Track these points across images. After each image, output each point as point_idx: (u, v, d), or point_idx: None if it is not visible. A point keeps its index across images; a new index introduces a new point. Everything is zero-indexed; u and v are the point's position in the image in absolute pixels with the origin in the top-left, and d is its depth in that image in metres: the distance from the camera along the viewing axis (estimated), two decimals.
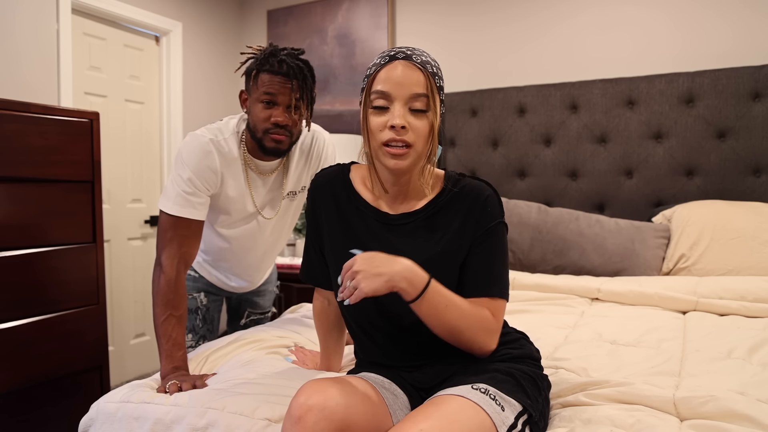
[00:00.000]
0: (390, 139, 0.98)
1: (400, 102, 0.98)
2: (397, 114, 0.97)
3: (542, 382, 1.04)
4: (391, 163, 1.00)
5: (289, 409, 0.86)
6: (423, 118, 0.99)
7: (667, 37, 2.59)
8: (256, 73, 1.38)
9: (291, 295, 2.98)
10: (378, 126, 0.99)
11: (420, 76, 0.98)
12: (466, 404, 0.88)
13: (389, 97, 0.98)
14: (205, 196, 1.43)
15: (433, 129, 1.01)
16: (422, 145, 1.00)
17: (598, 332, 1.63)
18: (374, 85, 1.00)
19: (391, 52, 1.01)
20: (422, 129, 0.99)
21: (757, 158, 2.36)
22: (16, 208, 1.83)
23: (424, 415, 0.85)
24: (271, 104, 1.38)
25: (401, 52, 1.00)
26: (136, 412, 1.12)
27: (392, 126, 0.97)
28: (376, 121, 0.99)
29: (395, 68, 0.99)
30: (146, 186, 3.16)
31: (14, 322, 1.81)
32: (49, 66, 2.56)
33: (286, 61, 1.36)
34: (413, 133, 0.98)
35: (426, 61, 1.01)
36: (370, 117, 1.01)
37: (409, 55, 1.00)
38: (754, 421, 0.96)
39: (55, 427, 1.95)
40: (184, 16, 3.31)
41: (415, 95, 0.98)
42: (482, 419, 0.86)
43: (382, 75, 0.99)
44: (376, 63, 1.02)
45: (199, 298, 1.71)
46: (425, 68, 0.99)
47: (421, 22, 3.16)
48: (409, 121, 0.98)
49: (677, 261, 2.22)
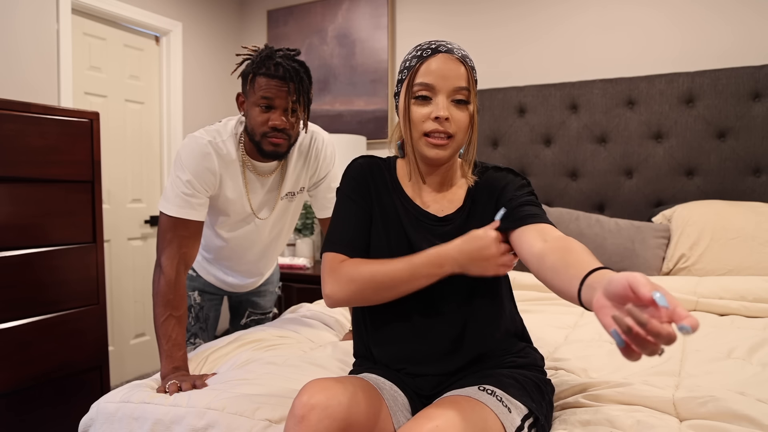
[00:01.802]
0: (433, 130, 1.01)
1: (444, 94, 1.01)
2: (441, 106, 1.00)
3: (546, 387, 1.05)
4: (432, 153, 1.03)
5: (292, 408, 0.86)
6: (464, 109, 1.03)
7: (667, 37, 2.59)
8: (252, 77, 1.38)
9: (291, 295, 2.98)
10: (421, 117, 1.02)
11: (462, 69, 1.02)
12: (476, 404, 0.88)
13: (433, 89, 1.01)
14: (204, 198, 1.44)
15: (473, 120, 1.05)
16: (462, 136, 1.04)
17: (598, 332, 1.63)
18: (417, 77, 1.02)
19: (433, 45, 1.03)
20: (463, 120, 1.03)
21: (757, 158, 2.36)
22: (16, 208, 1.83)
23: (436, 413, 0.84)
24: (269, 108, 1.37)
25: (443, 45, 1.03)
26: (136, 412, 1.12)
27: (436, 117, 1.00)
28: (419, 111, 1.02)
29: (439, 61, 1.02)
30: (146, 186, 3.16)
31: (14, 322, 1.81)
32: (49, 66, 2.56)
33: (282, 64, 1.36)
34: (455, 125, 1.02)
35: (465, 55, 1.05)
36: (413, 107, 1.03)
37: (451, 49, 1.03)
38: (754, 421, 0.96)
39: (55, 427, 1.95)
40: (184, 16, 3.31)
41: (458, 88, 1.01)
42: (492, 419, 0.87)
43: (425, 67, 1.02)
44: (417, 55, 1.04)
45: (193, 296, 1.72)
46: (466, 62, 1.03)
47: (421, 22, 3.16)
48: (451, 112, 1.01)
49: (677, 261, 2.22)
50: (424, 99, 1.02)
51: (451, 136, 1.02)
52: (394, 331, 1.08)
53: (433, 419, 0.83)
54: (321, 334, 1.66)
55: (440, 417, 0.83)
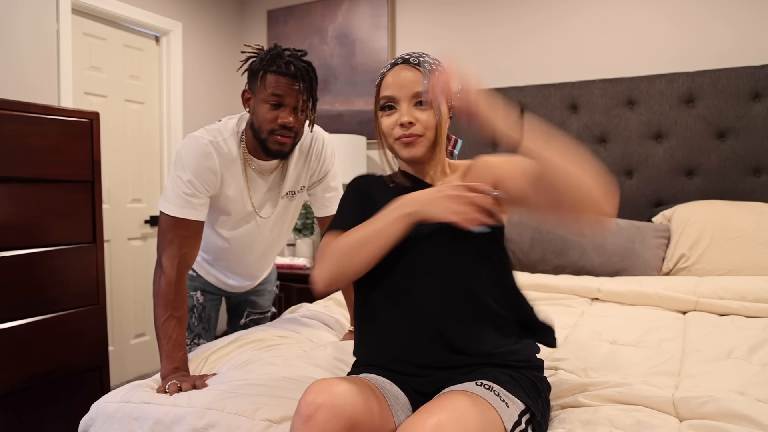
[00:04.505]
0: (400, 136, 1.10)
1: (405, 101, 1.10)
2: (404, 112, 1.09)
3: (542, 384, 1.05)
4: (405, 153, 1.11)
5: (298, 408, 0.87)
6: (427, 110, 1.09)
7: (667, 37, 2.59)
8: (263, 74, 1.38)
9: (291, 295, 2.99)
10: (389, 126, 1.11)
11: (418, 75, 1.10)
12: (476, 399, 0.89)
13: (394, 99, 1.11)
14: (205, 197, 1.44)
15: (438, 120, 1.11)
16: (431, 134, 1.11)
17: (598, 332, 1.63)
18: (381, 91, 1.13)
19: (393, 60, 1.15)
20: (428, 120, 1.09)
21: (757, 158, 2.36)
22: (16, 208, 1.83)
23: (437, 408, 0.85)
24: (278, 106, 1.38)
25: (401, 58, 1.14)
26: (136, 413, 1.12)
27: (401, 124, 1.08)
28: (386, 122, 1.12)
29: (397, 73, 1.11)
30: (146, 186, 3.16)
31: (14, 322, 1.81)
32: (49, 66, 2.56)
33: (293, 63, 1.36)
34: (421, 125, 1.09)
35: (424, 60, 1.12)
36: (382, 119, 1.13)
37: (407, 59, 1.12)
38: (754, 421, 0.96)
39: (55, 427, 1.95)
40: (184, 16, 3.31)
41: (416, 93, 1.09)
42: (491, 414, 0.88)
43: (387, 80, 1.12)
44: (381, 72, 1.16)
45: (196, 296, 1.72)
46: (423, 66, 1.11)
47: (421, 22, 3.16)
48: (416, 116, 1.09)
49: (677, 261, 2.22)
50: (390, 108, 1.11)
51: (420, 135, 1.09)
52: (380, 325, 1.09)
53: (435, 414, 0.83)
54: (321, 334, 1.66)
55: (442, 411, 0.84)
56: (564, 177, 0.90)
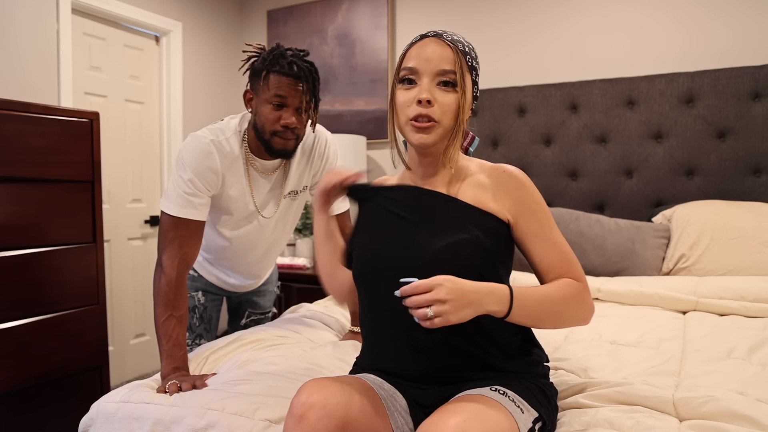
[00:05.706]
0: (417, 115, 0.97)
1: (428, 77, 0.98)
2: (424, 88, 0.97)
3: (550, 391, 1.05)
4: (415, 138, 0.99)
5: (290, 408, 0.86)
6: (451, 93, 0.98)
7: (667, 37, 2.59)
8: (266, 74, 1.37)
9: (291, 295, 2.99)
10: (405, 101, 0.99)
11: (449, 53, 0.98)
12: (494, 402, 0.88)
13: (417, 72, 0.98)
14: (206, 197, 1.44)
15: (462, 107, 0.99)
16: (449, 122, 0.99)
17: (598, 332, 1.63)
18: (404, 62, 1.01)
19: (424, 32, 1.03)
20: (449, 105, 0.98)
21: (757, 158, 2.36)
22: (16, 208, 1.83)
23: (459, 408, 0.84)
24: (281, 106, 1.37)
25: (432, 31, 1.02)
26: (136, 412, 1.12)
27: (419, 101, 0.96)
28: (403, 96, 1.00)
29: (425, 45, 0.99)
30: (146, 186, 3.16)
31: (14, 322, 1.81)
32: (49, 66, 2.56)
33: (296, 63, 1.36)
34: (440, 109, 0.97)
35: (457, 40, 1.01)
36: (398, 92, 1.01)
37: (440, 34, 1.00)
38: (754, 421, 0.96)
39: (55, 427, 1.95)
40: (184, 16, 3.30)
41: (443, 71, 0.97)
42: (508, 418, 0.87)
43: (412, 52, 1.00)
44: (408, 44, 1.04)
45: (197, 296, 1.72)
46: (455, 46, 0.99)
47: (421, 22, 3.16)
48: (435, 96, 0.97)
49: (677, 261, 2.22)
50: (410, 82, 0.99)
51: (436, 121, 0.97)
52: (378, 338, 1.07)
53: (457, 413, 0.82)
54: (321, 334, 1.66)
55: (464, 412, 0.82)
56: (552, 326, 1.00)
